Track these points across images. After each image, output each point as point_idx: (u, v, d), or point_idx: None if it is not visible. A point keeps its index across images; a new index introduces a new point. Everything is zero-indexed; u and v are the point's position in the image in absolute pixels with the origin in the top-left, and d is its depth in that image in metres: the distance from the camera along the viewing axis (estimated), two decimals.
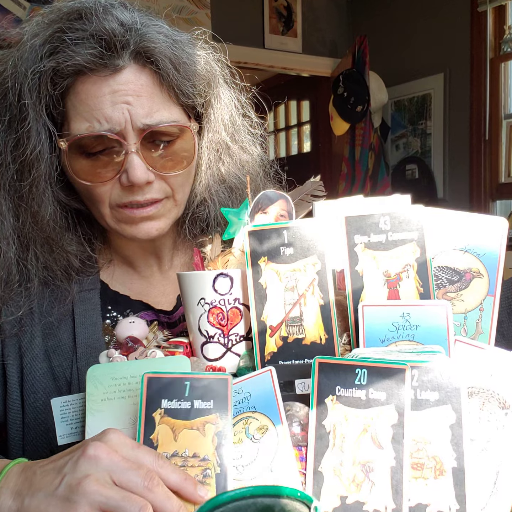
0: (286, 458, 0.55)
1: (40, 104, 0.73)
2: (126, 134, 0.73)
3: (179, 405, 0.55)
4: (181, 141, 0.79)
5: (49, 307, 0.83)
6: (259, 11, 3.84)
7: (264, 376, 0.58)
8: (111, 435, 0.54)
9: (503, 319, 0.79)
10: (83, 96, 0.73)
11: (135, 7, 0.79)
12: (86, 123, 0.73)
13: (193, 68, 0.79)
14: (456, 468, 0.51)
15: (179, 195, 0.82)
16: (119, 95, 0.73)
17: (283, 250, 0.64)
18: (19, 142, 0.75)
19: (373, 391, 0.53)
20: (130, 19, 0.75)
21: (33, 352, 0.81)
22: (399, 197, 0.68)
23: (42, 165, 0.75)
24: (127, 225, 0.80)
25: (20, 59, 0.74)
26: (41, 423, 0.80)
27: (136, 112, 0.73)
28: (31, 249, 0.79)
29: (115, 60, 0.72)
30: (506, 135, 3.37)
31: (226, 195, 0.90)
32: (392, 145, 4.03)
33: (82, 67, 0.71)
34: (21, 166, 0.76)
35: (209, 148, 0.87)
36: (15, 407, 0.81)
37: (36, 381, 0.80)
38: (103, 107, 0.72)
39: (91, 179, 0.76)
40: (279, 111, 5.13)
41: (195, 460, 0.54)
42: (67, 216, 0.83)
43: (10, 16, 2.63)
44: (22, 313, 0.80)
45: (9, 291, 0.79)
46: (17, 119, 0.75)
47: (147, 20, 0.77)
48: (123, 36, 0.72)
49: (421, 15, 3.69)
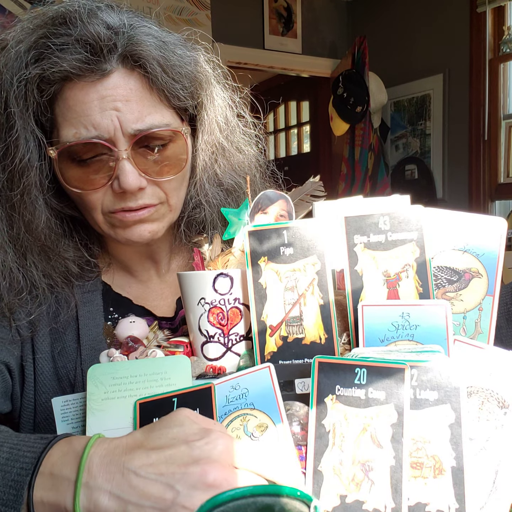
0: (286, 456, 0.55)
1: (28, 112, 0.72)
2: (116, 140, 0.72)
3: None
4: (174, 145, 0.77)
5: (55, 314, 0.82)
6: (259, 12, 3.85)
7: (263, 373, 0.58)
8: (219, 446, 0.49)
9: (502, 325, 0.78)
10: (71, 102, 0.71)
11: (123, 8, 0.77)
12: (73, 129, 0.71)
13: (183, 69, 0.77)
14: (455, 467, 0.51)
15: (173, 200, 0.80)
16: (107, 101, 0.71)
17: (283, 250, 0.64)
18: (8, 151, 0.73)
19: (372, 390, 0.54)
20: (117, 21, 0.72)
21: (44, 352, 0.81)
22: (398, 198, 0.68)
23: (32, 173, 0.74)
24: (120, 229, 0.79)
25: (5, 67, 0.72)
26: (52, 423, 0.80)
27: (126, 118, 0.72)
28: (28, 258, 0.78)
29: (102, 65, 0.70)
30: (505, 135, 3.38)
31: (222, 197, 0.88)
32: (391, 146, 4.03)
33: (68, 73, 0.70)
34: (10, 175, 0.74)
35: (204, 150, 0.85)
36: (30, 407, 0.81)
37: (48, 381, 0.81)
38: (91, 113, 0.71)
39: (82, 187, 0.75)
40: (279, 112, 5.13)
41: None
42: (61, 223, 0.81)
43: (10, 17, 2.63)
44: (33, 317, 0.80)
45: (17, 299, 0.78)
46: (4, 127, 0.73)
47: (135, 22, 0.75)
48: (110, 40, 0.70)
49: (421, 16, 3.70)
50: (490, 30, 3.35)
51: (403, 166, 3.93)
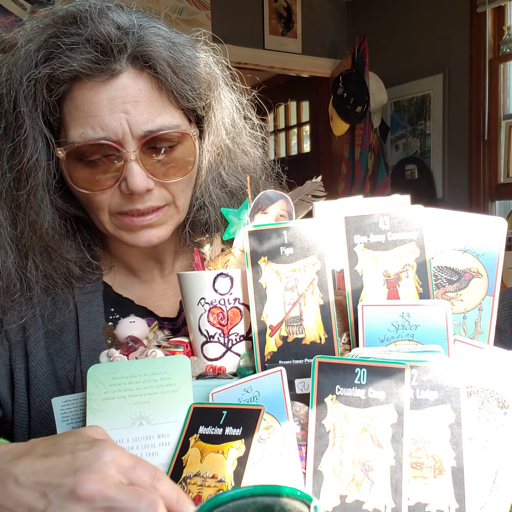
0: (292, 459, 0.55)
1: (36, 111, 0.72)
2: (124, 142, 0.72)
3: (213, 431, 0.58)
4: (182, 147, 0.77)
5: (51, 316, 0.82)
6: (259, 12, 3.85)
7: (274, 376, 0.58)
8: (105, 457, 0.47)
9: (506, 329, 0.78)
10: (80, 102, 0.71)
11: (132, 8, 0.77)
12: (80, 129, 0.71)
13: (192, 71, 0.77)
14: (455, 467, 0.51)
15: (180, 202, 0.80)
16: (117, 103, 0.71)
17: (283, 250, 0.64)
18: (16, 150, 0.73)
19: (372, 390, 0.54)
20: (127, 21, 0.72)
21: (38, 356, 0.80)
22: (398, 197, 0.68)
23: (39, 173, 0.73)
24: (126, 232, 0.79)
25: (14, 66, 0.72)
26: (46, 427, 0.80)
27: (135, 120, 0.71)
28: (30, 258, 0.78)
29: (112, 65, 0.70)
30: (505, 135, 3.38)
31: (226, 199, 0.88)
32: (391, 146, 4.03)
33: (78, 72, 0.69)
34: (18, 174, 0.74)
35: (210, 151, 0.85)
36: (22, 411, 0.80)
37: (42, 385, 0.80)
38: (100, 114, 0.70)
39: (90, 187, 0.75)
40: (279, 112, 5.13)
41: (212, 481, 0.55)
42: (65, 223, 0.81)
43: (11, 17, 2.63)
44: (25, 320, 0.79)
45: (10, 300, 0.78)
46: (13, 126, 0.73)
47: (145, 22, 0.75)
48: (120, 40, 0.70)
49: (421, 16, 3.70)
50: (490, 30, 3.34)
51: (403, 166, 3.93)
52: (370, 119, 3.72)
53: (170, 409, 0.61)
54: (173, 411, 0.61)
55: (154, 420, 0.60)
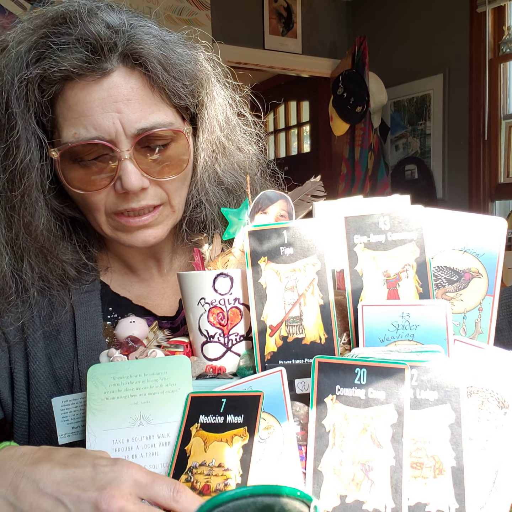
0: (292, 459, 0.55)
1: (29, 112, 0.72)
2: (117, 142, 0.72)
3: (214, 419, 0.58)
4: (175, 145, 0.77)
5: (47, 317, 0.82)
6: (259, 12, 3.84)
7: (274, 376, 0.59)
8: (124, 476, 0.50)
9: (504, 328, 0.78)
10: (72, 102, 0.71)
11: (122, 8, 0.77)
12: (73, 129, 0.71)
13: (184, 68, 0.77)
14: (455, 467, 0.51)
15: (175, 200, 0.80)
16: (109, 102, 0.71)
17: (283, 250, 0.64)
18: (9, 151, 0.73)
19: (372, 390, 0.54)
20: (117, 20, 0.72)
21: (37, 357, 0.81)
22: (398, 197, 0.68)
23: (33, 174, 0.73)
24: (123, 233, 0.79)
25: (5, 67, 0.72)
26: (46, 427, 0.80)
27: (128, 119, 0.71)
28: (25, 260, 0.78)
29: (102, 64, 0.70)
30: (505, 135, 3.38)
31: (223, 196, 0.88)
32: (391, 146, 4.03)
33: (69, 72, 0.69)
34: (11, 175, 0.74)
35: (204, 149, 0.85)
36: (22, 411, 0.81)
37: (41, 385, 0.80)
38: (93, 113, 0.70)
39: (85, 188, 0.74)
40: (279, 112, 5.13)
41: (219, 470, 0.56)
42: (61, 224, 0.81)
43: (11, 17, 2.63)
44: (22, 322, 0.79)
45: (6, 303, 0.78)
46: (5, 128, 0.73)
47: (135, 21, 0.75)
48: (110, 39, 0.70)
49: (421, 15, 3.70)
50: (490, 30, 3.35)
51: (403, 166, 3.93)
52: (370, 119, 3.72)
53: (170, 409, 0.61)
54: (173, 411, 0.61)
55: (154, 420, 0.61)
